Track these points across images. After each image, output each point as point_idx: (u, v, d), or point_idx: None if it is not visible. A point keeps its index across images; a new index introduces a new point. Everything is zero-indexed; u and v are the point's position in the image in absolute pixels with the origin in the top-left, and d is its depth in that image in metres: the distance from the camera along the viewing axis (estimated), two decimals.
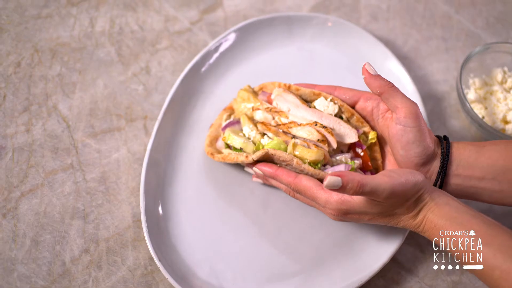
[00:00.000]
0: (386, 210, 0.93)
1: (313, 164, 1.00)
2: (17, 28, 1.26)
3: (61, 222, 1.07)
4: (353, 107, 1.07)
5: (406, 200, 0.91)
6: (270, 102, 1.11)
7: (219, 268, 1.04)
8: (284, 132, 1.06)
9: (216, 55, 1.23)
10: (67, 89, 1.20)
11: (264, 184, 1.11)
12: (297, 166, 0.98)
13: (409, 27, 1.35)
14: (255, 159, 1.01)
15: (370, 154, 1.09)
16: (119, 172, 1.13)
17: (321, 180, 0.99)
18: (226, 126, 1.11)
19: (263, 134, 1.05)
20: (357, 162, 1.04)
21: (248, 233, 1.08)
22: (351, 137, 1.05)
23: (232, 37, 1.24)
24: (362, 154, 1.07)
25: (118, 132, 1.17)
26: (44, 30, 1.26)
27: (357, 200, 0.92)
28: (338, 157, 1.04)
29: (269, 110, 1.07)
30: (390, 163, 1.07)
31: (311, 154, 0.99)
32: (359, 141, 1.07)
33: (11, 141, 1.13)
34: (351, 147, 1.08)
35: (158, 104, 1.20)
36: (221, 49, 1.23)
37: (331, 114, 1.07)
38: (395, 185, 0.88)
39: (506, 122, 1.18)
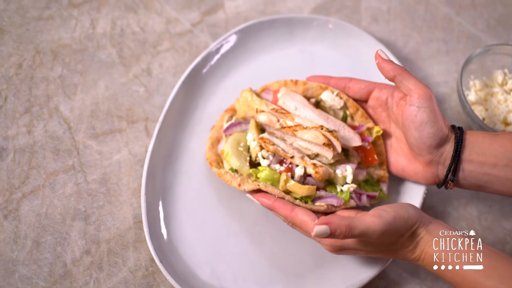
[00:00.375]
0: (380, 247, 0.94)
1: (305, 198, 1.01)
2: (19, 30, 1.26)
3: (62, 223, 1.07)
4: (368, 97, 1.09)
5: (400, 236, 0.91)
6: (275, 101, 1.12)
7: (220, 269, 1.04)
8: (288, 137, 1.06)
9: (217, 56, 1.23)
10: (69, 91, 1.21)
11: None
12: (289, 200, 1.00)
13: (409, 29, 1.35)
14: (246, 190, 1.03)
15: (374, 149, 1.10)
16: (120, 174, 1.13)
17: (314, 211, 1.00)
18: (227, 128, 1.11)
19: (262, 147, 1.05)
20: (352, 189, 1.04)
21: (249, 235, 1.08)
22: (355, 140, 1.07)
23: (233, 38, 1.24)
24: (368, 147, 1.09)
25: (119, 133, 1.17)
26: (46, 32, 1.27)
27: (350, 239, 0.93)
28: (341, 166, 1.05)
29: (275, 111, 1.08)
30: (393, 157, 1.08)
31: (303, 190, 1.00)
32: (363, 134, 1.09)
33: (12, 143, 1.14)
34: (355, 147, 1.09)
35: (159, 105, 1.21)
36: (222, 50, 1.24)
37: (336, 118, 1.10)
38: (385, 225, 0.88)
39: (507, 124, 1.19)
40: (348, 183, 1.05)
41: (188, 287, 1.00)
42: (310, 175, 1.04)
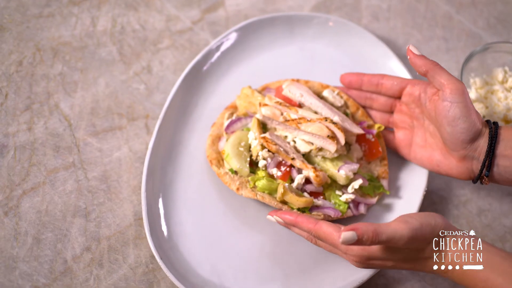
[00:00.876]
0: (408, 255, 0.92)
1: (302, 208, 1.03)
2: (19, 27, 1.26)
3: (62, 220, 1.07)
4: (401, 93, 1.09)
5: (428, 243, 0.90)
6: (278, 96, 1.13)
7: (220, 267, 1.05)
8: (291, 131, 1.06)
9: (217, 54, 1.23)
10: (69, 88, 1.21)
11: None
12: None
13: (410, 27, 1.36)
14: (244, 196, 1.04)
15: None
16: (121, 171, 1.13)
17: None
18: (228, 126, 1.12)
19: (263, 147, 1.06)
20: (350, 199, 1.05)
21: (250, 232, 1.08)
22: (357, 130, 1.08)
23: (233, 36, 1.25)
24: (373, 140, 1.11)
25: (120, 131, 1.18)
26: (46, 29, 1.27)
27: (377, 247, 0.91)
28: (345, 166, 1.05)
29: (279, 104, 1.08)
30: (427, 152, 1.08)
31: (300, 202, 1.01)
32: (366, 128, 1.11)
33: (13, 140, 1.14)
34: (359, 141, 1.10)
35: (160, 103, 1.21)
36: (223, 48, 1.24)
37: (339, 110, 1.12)
38: (412, 230, 0.87)
39: (507, 121, 1.19)
40: (350, 190, 1.06)
41: (188, 284, 1.00)
42: (309, 182, 1.05)
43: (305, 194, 1.05)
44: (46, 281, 1.02)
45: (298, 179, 1.04)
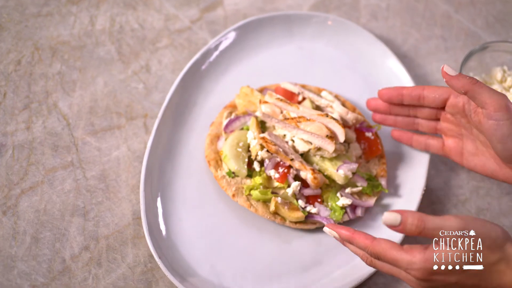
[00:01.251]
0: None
1: (295, 221, 1.05)
2: (18, 26, 1.26)
3: (61, 220, 1.07)
4: (444, 104, 1.05)
5: (491, 251, 0.83)
6: (278, 94, 1.14)
7: (219, 266, 1.04)
8: (290, 129, 1.06)
9: (216, 53, 1.23)
10: (67, 87, 1.21)
11: None
12: (280, 223, 1.05)
13: (409, 26, 1.35)
14: (239, 204, 1.06)
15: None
16: (119, 170, 1.13)
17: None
18: (227, 125, 1.12)
19: (262, 147, 1.06)
20: (346, 205, 1.05)
21: (249, 232, 1.08)
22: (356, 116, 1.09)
23: (232, 35, 1.25)
24: (372, 137, 1.11)
25: (118, 130, 1.17)
26: (45, 28, 1.27)
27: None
28: (344, 166, 1.05)
29: (280, 101, 1.09)
30: (481, 160, 1.05)
31: (292, 217, 1.04)
32: (365, 127, 1.11)
33: (11, 139, 1.14)
34: (358, 139, 1.10)
35: (158, 102, 1.21)
36: (221, 47, 1.24)
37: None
38: (465, 220, 0.81)
39: None
40: (349, 193, 1.07)
41: (186, 283, 1.00)
42: (306, 185, 1.05)
43: (300, 202, 1.05)
44: (45, 281, 1.02)
45: (293, 186, 1.04)
